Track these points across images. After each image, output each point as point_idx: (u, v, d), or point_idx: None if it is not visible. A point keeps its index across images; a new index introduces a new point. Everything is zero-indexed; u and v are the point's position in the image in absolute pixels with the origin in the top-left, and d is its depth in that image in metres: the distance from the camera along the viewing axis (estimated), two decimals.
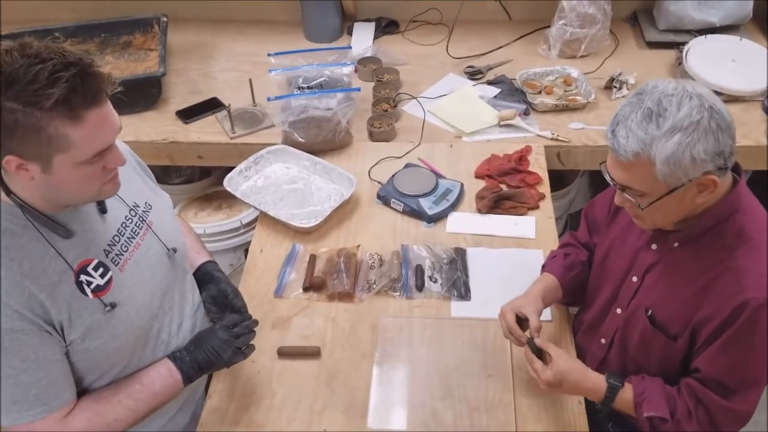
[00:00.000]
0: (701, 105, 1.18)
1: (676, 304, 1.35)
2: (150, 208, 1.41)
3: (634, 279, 1.44)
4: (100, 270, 1.26)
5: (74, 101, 1.06)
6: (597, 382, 1.41)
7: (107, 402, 1.31)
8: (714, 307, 1.28)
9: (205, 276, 1.59)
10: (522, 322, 1.49)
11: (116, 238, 1.31)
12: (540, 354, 1.43)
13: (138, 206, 1.38)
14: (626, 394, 1.39)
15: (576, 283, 1.62)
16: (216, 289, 1.55)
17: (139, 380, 1.35)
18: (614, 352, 1.52)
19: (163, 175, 2.71)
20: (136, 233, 1.35)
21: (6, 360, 1.17)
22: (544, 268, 1.67)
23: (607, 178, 1.30)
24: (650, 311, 1.39)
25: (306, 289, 1.79)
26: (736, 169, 1.30)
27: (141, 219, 1.37)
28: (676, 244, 1.36)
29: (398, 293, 1.78)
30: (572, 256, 1.65)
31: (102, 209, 1.30)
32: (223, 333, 1.41)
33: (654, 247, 1.40)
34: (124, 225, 1.34)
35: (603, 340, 1.54)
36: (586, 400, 1.52)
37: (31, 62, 1.04)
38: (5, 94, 1.03)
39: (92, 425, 1.28)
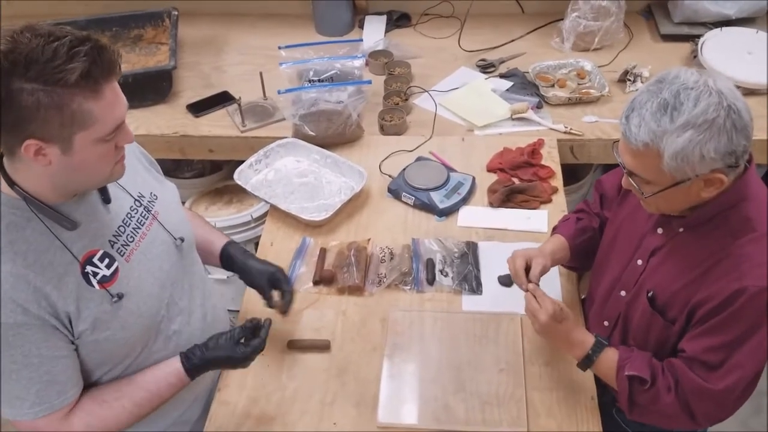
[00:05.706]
0: (719, 103, 1.16)
1: (676, 288, 1.35)
2: (155, 199, 1.40)
3: (639, 262, 1.44)
4: (106, 261, 1.26)
5: (95, 74, 1.06)
6: (585, 336, 1.44)
7: (109, 407, 1.31)
8: (711, 291, 1.28)
9: (228, 260, 1.60)
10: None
11: (121, 229, 1.30)
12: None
13: (143, 196, 1.38)
14: (610, 354, 1.42)
15: (585, 247, 1.63)
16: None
17: (145, 380, 1.35)
18: (616, 334, 1.52)
19: (175, 169, 2.71)
20: (142, 223, 1.35)
21: (8, 355, 1.17)
22: (555, 230, 1.69)
23: (618, 161, 1.30)
24: (651, 293, 1.40)
25: (316, 283, 1.79)
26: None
27: (146, 209, 1.37)
28: (681, 230, 1.36)
29: (409, 287, 1.76)
30: (585, 221, 1.67)
31: (105, 199, 1.29)
32: (241, 348, 1.39)
33: (660, 231, 1.40)
34: (129, 215, 1.33)
35: (606, 323, 1.54)
36: (599, 396, 1.52)
37: (46, 41, 1.03)
38: (25, 75, 1.02)
39: (92, 428, 1.29)
